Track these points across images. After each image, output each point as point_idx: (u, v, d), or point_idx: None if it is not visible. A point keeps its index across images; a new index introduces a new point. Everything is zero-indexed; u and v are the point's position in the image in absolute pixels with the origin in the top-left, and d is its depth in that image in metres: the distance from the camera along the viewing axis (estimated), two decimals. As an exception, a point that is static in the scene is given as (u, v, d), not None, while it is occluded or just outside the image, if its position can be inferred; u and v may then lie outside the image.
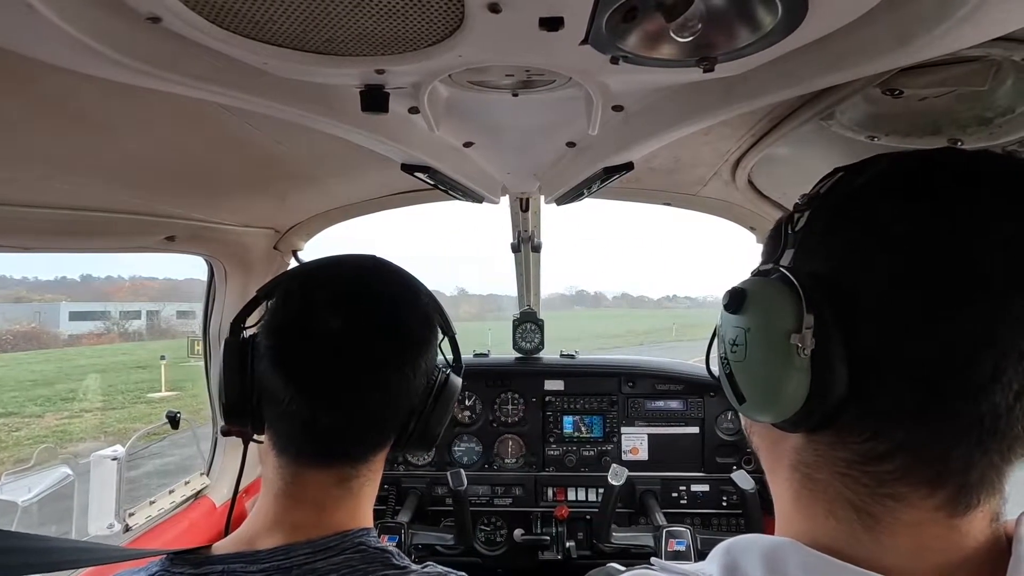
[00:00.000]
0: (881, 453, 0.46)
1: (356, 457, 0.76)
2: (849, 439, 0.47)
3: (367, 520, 0.78)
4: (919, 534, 0.45)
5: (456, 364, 0.90)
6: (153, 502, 1.67)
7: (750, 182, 1.43)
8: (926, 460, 0.44)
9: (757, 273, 0.54)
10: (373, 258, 0.83)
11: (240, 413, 0.77)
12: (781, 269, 0.50)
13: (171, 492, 1.74)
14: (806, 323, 0.46)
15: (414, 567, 0.72)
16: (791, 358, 0.47)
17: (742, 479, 1.89)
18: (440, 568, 0.74)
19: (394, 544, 1.90)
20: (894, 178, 0.49)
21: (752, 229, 1.81)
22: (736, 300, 0.53)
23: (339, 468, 0.75)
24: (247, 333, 0.80)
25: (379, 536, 0.76)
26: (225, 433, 0.82)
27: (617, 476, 1.87)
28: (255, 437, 0.81)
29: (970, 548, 0.45)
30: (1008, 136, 0.85)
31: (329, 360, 0.72)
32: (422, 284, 0.84)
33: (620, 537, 1.92)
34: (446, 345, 0.89)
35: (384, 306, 0.77)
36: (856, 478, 0.47)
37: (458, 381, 0.86)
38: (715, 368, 0.59)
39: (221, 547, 0.71)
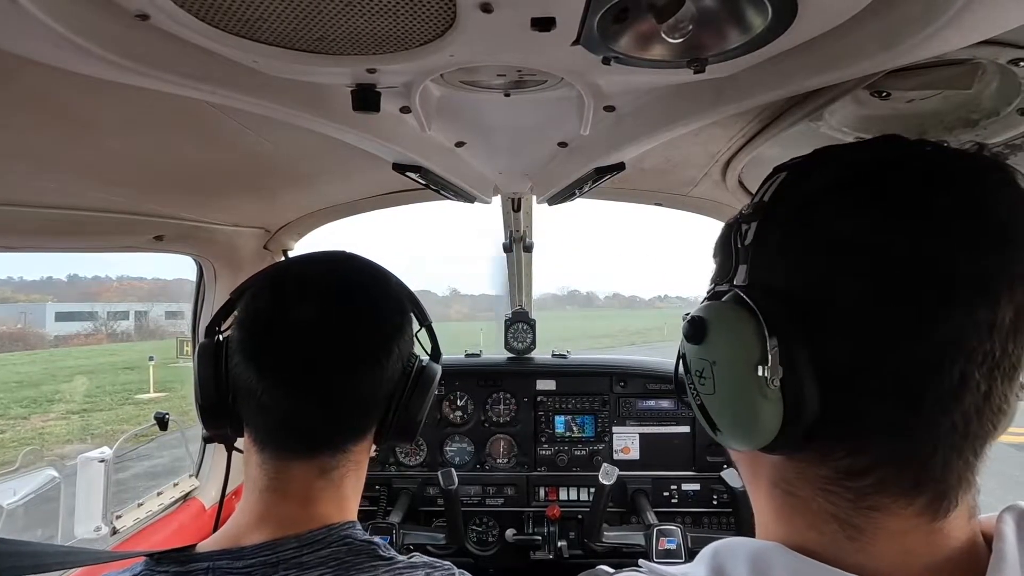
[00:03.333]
0: (860, 468, 0.46)
1: (336, 446, 0.76)
2: (828, 456, 0.47)
3: (352, 513, 0.79)
4: (902, 541, 0.45)
5: (434, 352, 0.90)
6: (141, 504, 1.65)
7: (740, 183, 1.44)
8: (904, 470, 0.45)
9: (712, 295, 0.53)
10: (343, 253, 0.84)
11: (218, 414, 0.77)
12: (736, 290, 0.48)
13: (159, 494, 1.72)
14: (771, 351, 0.44)
15: (400, 558, 0.72)
16: (761, 389, 0.45)
17: (732, 477, 1.90)
18: (426, 558, 0.75)
19: (385, 543, 1.90)
20: (846, 181, 0.47)
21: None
22: (697, 330, 0.51)
23: (320, 458, 0.75)
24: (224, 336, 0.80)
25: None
26: (207, 440, 0.82)
27: (608, 476, 1.87)
28: (236, 443, 0.81)
29: (950, 549, 0.45)
30: (994, 138, 0.86)
31: (302, 349, 0.72)
32: (393, 275, 0.84)
33: (611, 536, 1.93)
34: (425, 337, 0.91)
35: (355, 294, 0.77)
36: (838, 493, 0.47)
37: (436, 368, 0.85)
38: (683, 378, 0.57)
39: (206, 545, 0.71)
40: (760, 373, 0.45)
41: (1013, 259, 0.42)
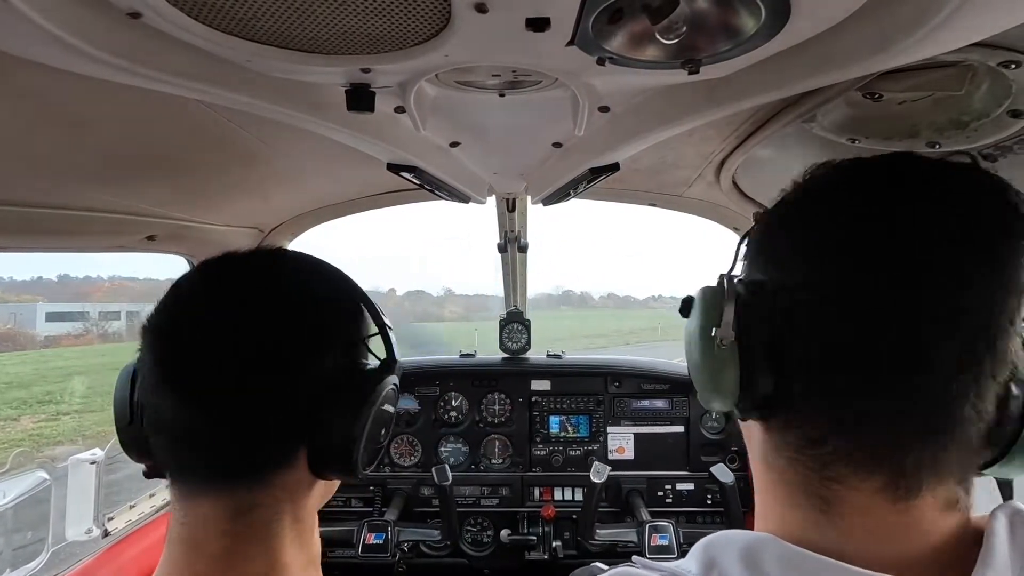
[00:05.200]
0: (817, 437, 0.48)
1: (252, 474, 0.62)
2: (791, 423, 0.50)
3: (302, 570, 0.65)
4: (868, 517, 0.47)
5: (387, 360, 0.73)
6: (133, 506, 1.64)
7: (734, 183, 1.45)
8: (858, 443, 0.47)
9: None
10: (277, 249, 0.75)
11: (131, 441, 0.68)
12: (721, 276, 0.55)
13: (151, 496, 1.71)
14: (724, 318, 0.51)
15: None
16: (712, 350, 0.52)
17: (721, 472, 1.93)
18: None
19: (380, 541, 1.84)
20: (809, 187, 0.54)
21: (736, 230, 1.83)
22: (685, 306, 0.59)
23: (231, 493, 0.61)
24: None
25: (366, 534, 0.71)
26: (146, 475, 0.71)
27: (599, 474, 1.88)
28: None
29: (927, 537, 0.46)
30: (984, 139, 0.87)
31: (197, 348, 0.61)
32: (339, 273, 0.74)
33: (604, 534, 1.93)
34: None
35: (271, 290, 0.66)
36: (803, 462, 0.50)
37: (388, 382, 0.70)
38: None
39: None
40: (712, 334, 0.52)
41: (971, 252, 0.45)
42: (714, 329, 0.52)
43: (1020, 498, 0.50)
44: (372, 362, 0.72)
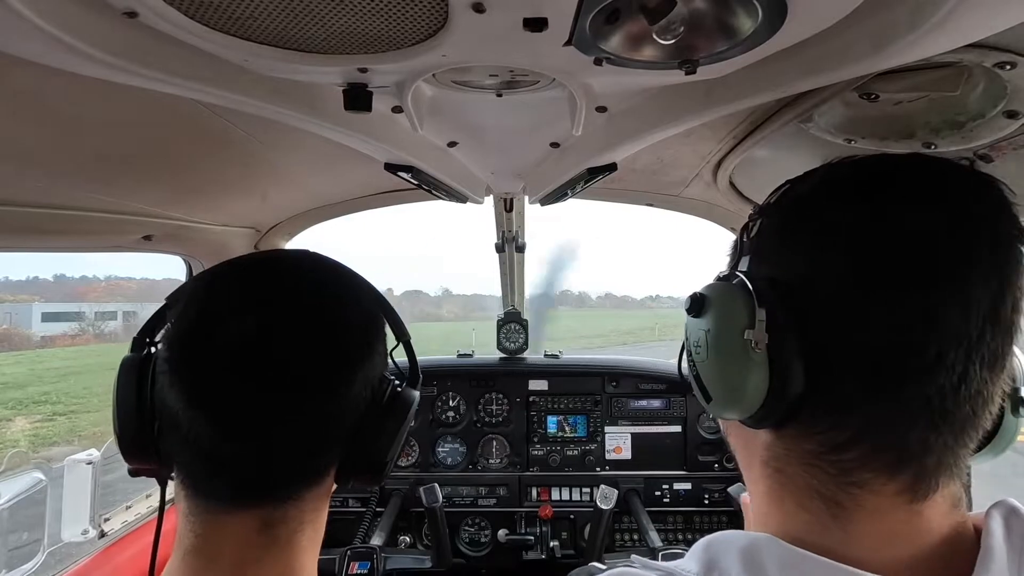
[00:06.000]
0: (842, 442, 0.48)
1: (281, 495, 0.62)
2: (812, 430, 0.49)
3: (312, 565, 0.65)
4: (882, 520, 0.47)
5: (412, 375, 0.74)
6: (130, 507, 1.64)
7: (731, 184, 1.45)
8: (884, 446, 0.47)
9: (717, 279, 0.57)
10: (304, 253, 0.73)
11: (138, 447, 0.64)
12: (737, 273, 0.53)
13: (148, 496, 1.70)
14: (758, 319, 0.49)
15: None
16: (747, 353, 0.49)
17: (740, 492, 1.88)
18: None
19: (365, 571, 1.67)
20: (830, 185, 0.53)
21: (733, 230, 1.84)
22: (696, 304, 0.56)
23: (260, 509, 0.61)
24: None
25: (349, 563, 0.71)
26: (133, 474, 0.68)
27: (607, 500, 1.82)
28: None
29: (934, 537, 0.47)
30: (979, 140, 0.87)
31: (236, 373, 0.58)
32: (365, 282, 0.72)
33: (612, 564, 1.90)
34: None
35: (308, 307, 0.64)
36: (822, 468, 0.49)
37: (414, 395, 0.71)
38: (686, 370, 0.62)
39: None
40: (746, 337, 0.49)
41: (978, 247, 0.45)
42: (747, 331, 0.49)
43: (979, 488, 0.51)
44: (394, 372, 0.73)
